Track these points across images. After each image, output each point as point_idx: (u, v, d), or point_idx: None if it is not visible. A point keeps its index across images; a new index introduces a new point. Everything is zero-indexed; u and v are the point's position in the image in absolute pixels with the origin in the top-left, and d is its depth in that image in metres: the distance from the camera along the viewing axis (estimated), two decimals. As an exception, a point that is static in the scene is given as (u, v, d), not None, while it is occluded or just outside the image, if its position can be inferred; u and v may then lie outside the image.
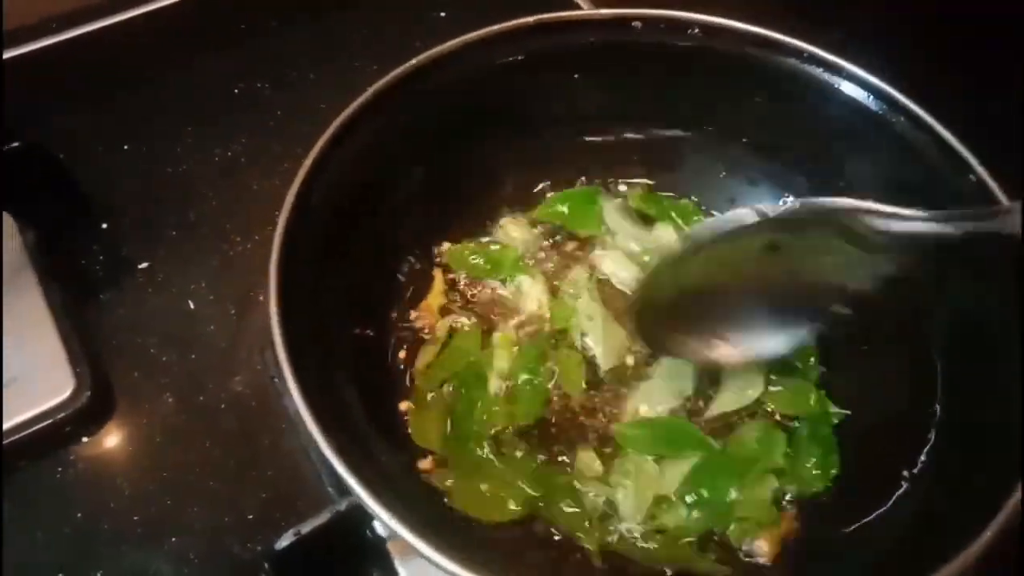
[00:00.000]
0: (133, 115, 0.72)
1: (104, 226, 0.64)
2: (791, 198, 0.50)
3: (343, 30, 0.80)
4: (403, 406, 0.50)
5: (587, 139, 0.54)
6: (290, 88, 0.75)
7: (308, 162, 0.42)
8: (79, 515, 0.51)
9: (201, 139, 0.71)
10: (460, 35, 0.75)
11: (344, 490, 0.36)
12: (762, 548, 0.45)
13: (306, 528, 0.41)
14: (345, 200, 0.45)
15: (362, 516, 0.43)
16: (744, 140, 0.52)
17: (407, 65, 0.46)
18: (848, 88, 0.45)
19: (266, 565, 0.43)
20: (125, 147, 0.69)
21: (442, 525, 0.41)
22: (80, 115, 0.71)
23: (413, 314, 0.54)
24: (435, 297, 0.56)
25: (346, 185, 0.44)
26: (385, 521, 0.33)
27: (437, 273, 0.56)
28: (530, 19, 0.47)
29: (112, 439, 0.55)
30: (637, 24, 0.47)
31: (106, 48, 0.77)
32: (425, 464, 0.47)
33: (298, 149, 0.49)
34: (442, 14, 0.80)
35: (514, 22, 0.47)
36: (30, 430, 0.52)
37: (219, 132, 0.71)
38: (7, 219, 0.61)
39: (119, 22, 0.78)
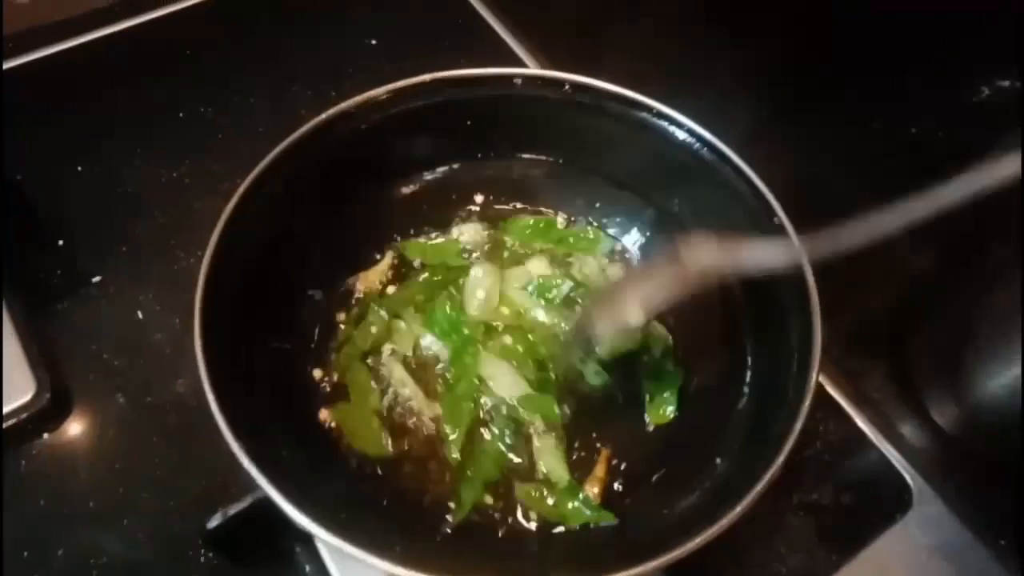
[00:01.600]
0: (85, 136, 0.77)
1: (60, 242, 0.70)
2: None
3: (281, 56, 0.85)
4: (322, 414, 0.57)
5: (472, 170, 0.62)
6: (232, 111, 0.80)
7: (228, 208, 0.49)
8: (41, 501, 0.58)
9: (149, 160, 0.76)
10: (388, 61, 0.83)
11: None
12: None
13: (232, 510, 0.49)
14: (262, 237, 0.52)
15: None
16: (602, 175, 0.61)
17: (315, 122, 0.53)
18: (684, 137, 0.54)
19: (199, 541, 0.51)
20: (78, 168, 0.75)
21: (344, 510, 0.49)
22: (36, 138, 0.76)
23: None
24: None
25: (263, 224, 0.51)
26: (281, 507, 0.41)
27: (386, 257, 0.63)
28: (427, 77, 0.54)
29: (70, 435, 0.61)
30: (518, 80, 0.55)
31: (58, 70, 0.82)
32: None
33: (238, 170, 0.55)
34: (373, 42, 0.87)
35: (415, 79, 0.55)
36: (-4, 428, 0.59)
37: (165, 153, 0.76)
38: (-32, 238, 0.67)
39: (72, 46, 0.83)
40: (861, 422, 0.65)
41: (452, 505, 0.54)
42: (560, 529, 0.53)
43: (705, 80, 0.63)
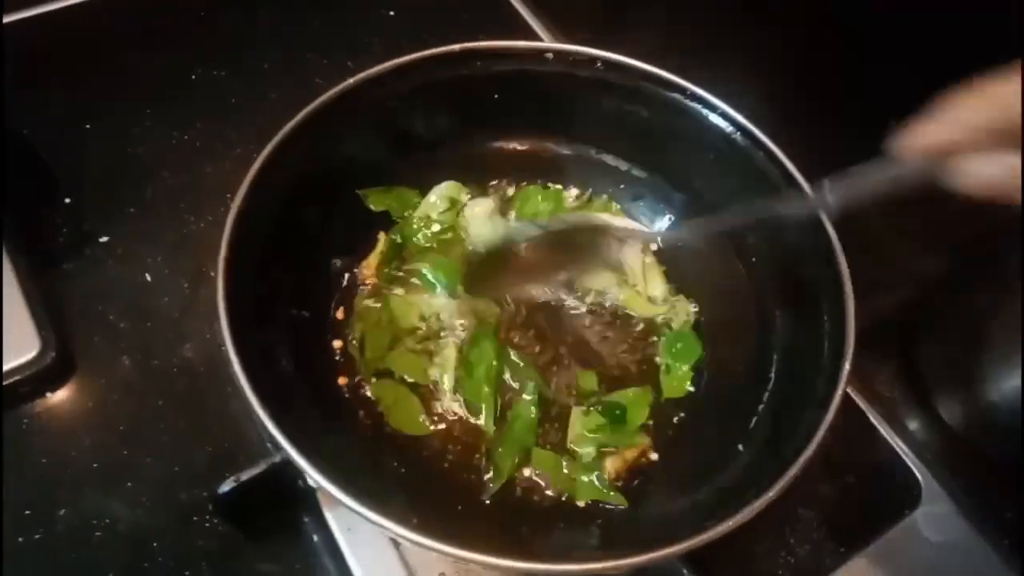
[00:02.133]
0: (97, 96, 0.76)
1: (67, 201, 0.69)
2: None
3: (298, 22, 0.84)
4: (341, 381, 0.57)
5: (497, 148, 0.61)
6: (246, 76, 0.79)
7: (256, 166, 0.48)
8: (44, 460, 0.57)
9: (160, 122, 0.75)
10: (405, 33, 0.82)
11: (278, 446, 0.43)
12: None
13: (245, 476, 0.48)
14: (284, 203, 0.51)
15: (295, 469, 0.50)
16: (629, 157, 0.61)
17: (342, 85, 0.52)
18: (717, 120, 0.53)
19: (210, 506, 0.50)
20: (88, 126, 0.74)
21: (362, 479, 0.48)
22: (47, 95, 0.74)
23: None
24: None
25: (288, 187, 0.50)
26: (304, 470, 0.40)
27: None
28: (456, 47, 0.53)
29: (74, 395, 0.60)
30: (549, 55, 0.54)
31: (73, 29, 0.80)
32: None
33: (250, 136, 0.55)
34: (391, 13, 0.86)
35: (444, 48, 0.54)
36: (1, 384, 0.58)
37: (177, 115, 0.75)
38: (-24, 192, 0.66)
39: (86, 2, 0.82)
40: (873, 418, 0.65)
41: (483, 477, 0.54)
42: (580, 504, 0.53)
43: (728, 61, 0.62)
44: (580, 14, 0.85)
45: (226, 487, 0.48)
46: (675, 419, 0.58)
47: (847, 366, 0.44)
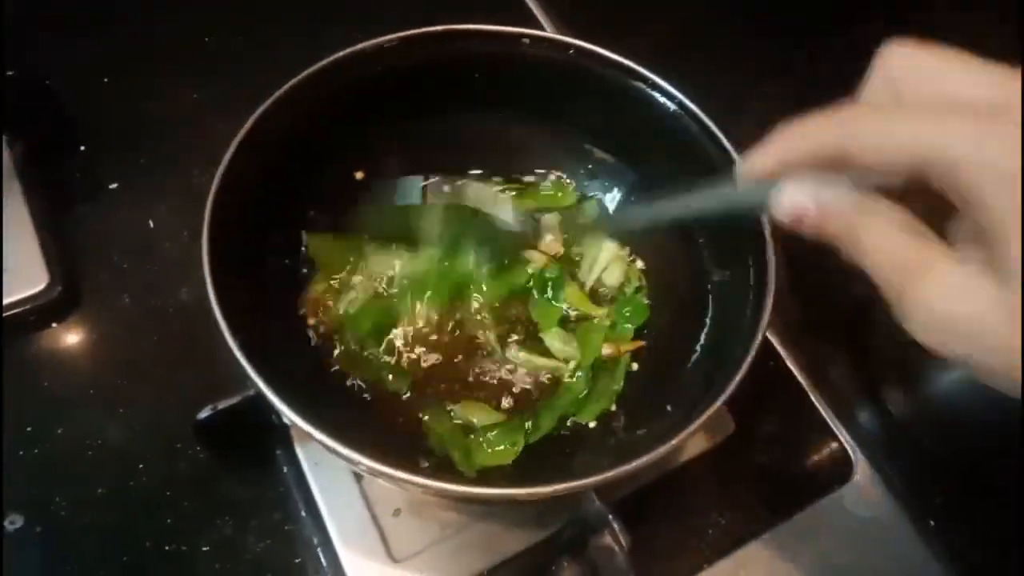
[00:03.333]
0: (117, 51, 0.80)
1: (83, 148, 0.74)
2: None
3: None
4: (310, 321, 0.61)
5: (468, 126, 0.65)
6: (257, 44, 0.83)
7: (244, 128, 0.53)
8: (46, 384, 0.63)
9: (175, 80, 0.79)
10: (417, 5, 0.86)
11: (248, 378, 0.47)
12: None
13: (221, 405, 0.53)
14: (273, 157, 0.56)
15: (269, 403, 0.55)
16: (592, 140, 0.65)
17: (325, 61, 0.57)
18: (674, 109, 0.57)
19: (187, 433, 0.55)
20: (106, 79, 0.79)
21: (331, 410, 0.53)
22: (71, 47, 0.79)
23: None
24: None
25: (274, 146, 0.55)
26: (269, 399, 0.45)
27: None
28: (439, 28, 0.57)
29: (77, 327, 0.66)
30: (526, 40, 0.59)
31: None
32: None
33: (257, 98, 0.59)
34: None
35: (426, 29, 0.58)
36: (10, 313, 0.63)
37: (191, 76, 0.79)
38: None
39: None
40: (816, 400, 0.69)
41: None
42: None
43: (723, 64, 0.66)
44: (584, 7, 0.89)
45: (204, 414, 0.53)
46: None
47: (759, 336, 0.48)
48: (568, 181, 0.68)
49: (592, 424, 0.59)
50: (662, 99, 0.57)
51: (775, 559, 0.61)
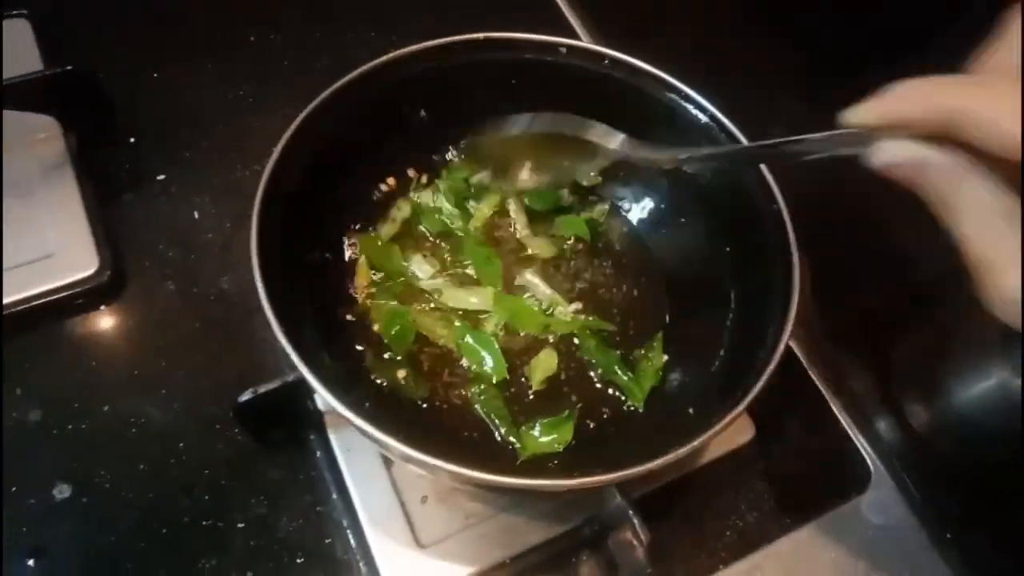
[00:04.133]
0: (165, 48, 0.83)
1: (131, 140, 0.77)
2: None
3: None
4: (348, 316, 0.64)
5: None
6: (297, 43, 0.86)
7: (292, 126, 0.55)
8: (93, 364, 0.65)
9: (218, 77, 0.82)
10: (451, 12, 0.88)
11: (293, 366, 0.50)
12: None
13: (262, 389, 0.56)
14: (318, 158, 0.58)
15: (305, 389, 0.57)
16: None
17: (371, 64, 0.58)
18: (706, 122, 0.59)
19: (230, 415, 0.58)
20: (154, 75, 0.81)
21: (365, 400, 0.55)
22: (119, 44, 0.82)
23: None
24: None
25: (318, 149, 0.58)
26: (313, 386, 0.47)
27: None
28: (479, 35, 0.59)
29: (123, 311, 0.68)
30: (563, 49, 0.61)
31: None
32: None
33: (295, 97, 0.61)
34: (440, -6, 0.92)
35: (466, 36, 0.60)
36: (61, 295, 0.66)
37: (234, 73, 0.83)
38: (55, 124, 0.74)
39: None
40: (836, 408, 0.71)
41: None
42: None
43: (752, 75, 0.67)
44: (618, 13, 0.91)
45: (245, 396, 0.55)
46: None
47: (783, 344, 0.49)
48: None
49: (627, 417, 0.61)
50: (693, 110, 0.59)
51: (791, 564, 0.62)
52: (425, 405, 0.61)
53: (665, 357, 0.63)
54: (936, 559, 0.65)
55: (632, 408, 0.61)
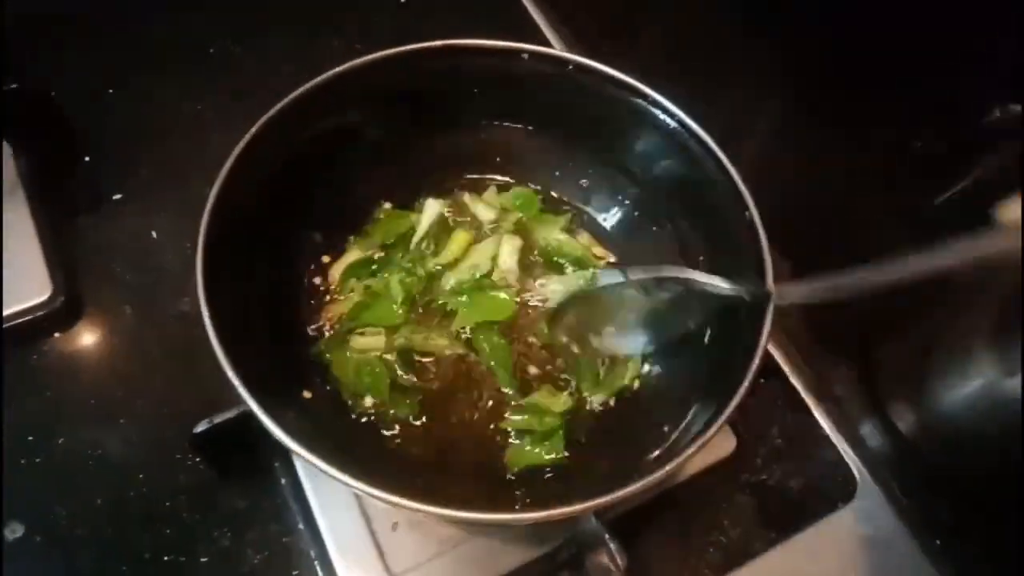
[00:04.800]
0: (119, 63, 0.80)
1: (87, 159, 0.74)
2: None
3: (314, 4, 0.88)
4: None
5: (459, 141, 0.66)
6: (259, 53, 0.83)
7: (240, 144, 0.53)
8: (48, 394, 0.63)
9: (176, 91, 0.80)
10: (415, 18, 0.86)
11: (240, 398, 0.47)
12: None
13: (218, 419, 0.53)
14: (271, 173, 0.56)
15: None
16: (594, 155, 0.65)
17: (327, 75, 0.56)
18: (675, 127, 0.57)
19: (186, 444, 0.55)
20: (110, 91, 0.79)
21: (322, 434, 0.53)
22: (75, 58, 0.79)
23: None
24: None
25: (272, 162, 0.55)
26: (263, 423, 0.45)
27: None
28: (438, 43, 0.57)
29: (79, 338, 0.66)
30: (525, 56, 0.58)
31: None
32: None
33: (256, 110, 0.59)
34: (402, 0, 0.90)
35: (426, 44, 0.58)
36: (12, 323, 0.64)
37: (192, 87, 0.80)
38: (4, 146, 0.71)
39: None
40: (820, 415, 0.69)
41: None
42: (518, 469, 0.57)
43: (725, 80, 0.65)
44: (590, 17, 0.89)
45: (200, 427, 0.53)
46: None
47: (755, 363, 0.48)
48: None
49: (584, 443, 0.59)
50: (662, 116, 0.57)
51: (777, 578, 0.60)
52: (391, 433, 0.58)
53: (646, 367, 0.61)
54: (927, 568, 0.63)
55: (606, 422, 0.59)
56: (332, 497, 0.58)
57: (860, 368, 0.72)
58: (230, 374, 0.45)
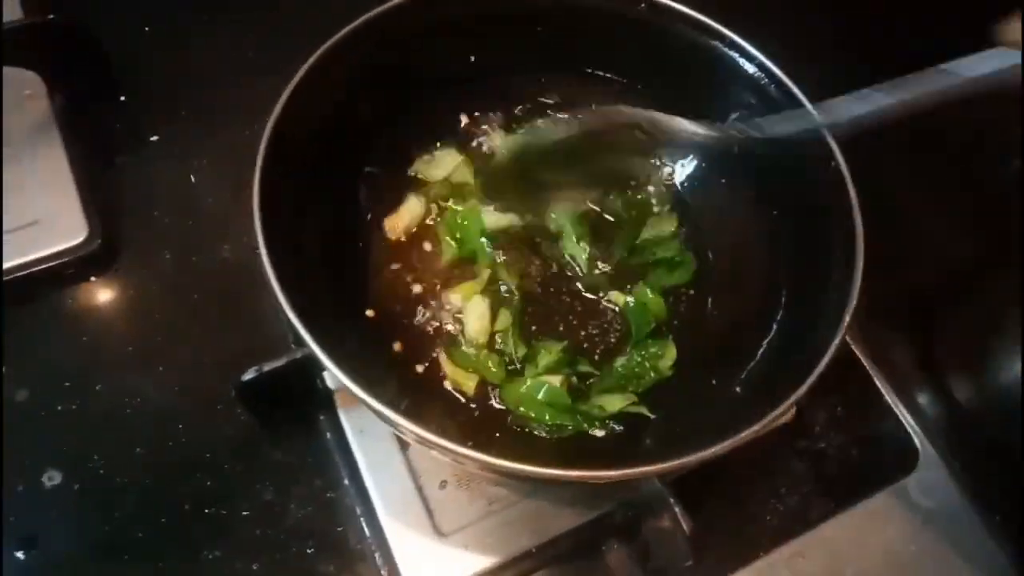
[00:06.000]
0: (162, 2, 0.77)
1: (123, 99, 0.72)
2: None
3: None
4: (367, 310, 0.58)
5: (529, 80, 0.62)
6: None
7: (297, 76, 0.50)
8: (84, 339, 0.61)
9: (217, 31, 0.77)
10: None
11: (300, 342, 0.45)
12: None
13: (267, 367, 0.51)
14: (326, 108, 0.53)
15: (314, 366, 0.53)
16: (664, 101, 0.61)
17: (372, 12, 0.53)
18: (754, 71, 0.53)
19: (233, 394, 0.53)
20: (147, 29, 0.76)
21: (380, 378, 0.51)
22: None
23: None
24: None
25: (323, 105, 0.52)
26: (323, 363, 0.43)
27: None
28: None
29: (116, 283, 0.64)
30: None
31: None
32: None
33: (301, 53, 0.55)
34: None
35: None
36: (47, 265, 0.61)
37: (234, 30, 0.77)
38: (37, 81, 0.68)
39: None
40: (880, 384, 0.66)
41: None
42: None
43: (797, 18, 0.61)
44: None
45: (248, 375, 0.51)
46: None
47: (847, 317, 0.45)
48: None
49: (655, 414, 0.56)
50: (740, 59, 0.53)
51: (836, 550, 0.58)
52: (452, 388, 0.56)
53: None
54: (989, 543, 0.61)
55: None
56: (379, 453, 0.57)
57: (921, 338, 0.70)
58: (289, 313, 0.42)
